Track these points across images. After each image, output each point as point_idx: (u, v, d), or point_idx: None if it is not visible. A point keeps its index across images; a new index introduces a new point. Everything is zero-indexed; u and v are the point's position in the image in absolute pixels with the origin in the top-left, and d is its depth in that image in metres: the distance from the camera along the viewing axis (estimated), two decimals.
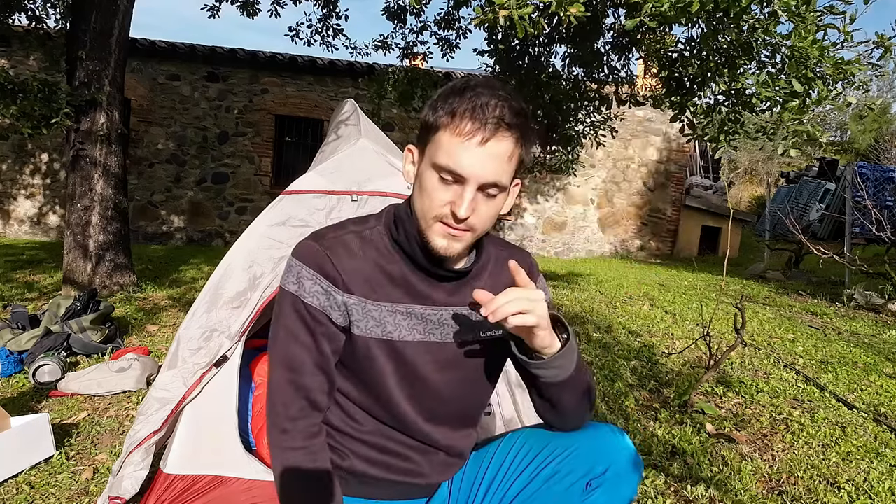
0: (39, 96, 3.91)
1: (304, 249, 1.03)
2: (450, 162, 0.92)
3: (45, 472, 1.92)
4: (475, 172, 0.92)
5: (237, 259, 1.73)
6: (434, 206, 0.95)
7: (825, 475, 2.05)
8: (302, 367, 1.02)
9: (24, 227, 8.43)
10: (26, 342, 2.98)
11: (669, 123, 4.91)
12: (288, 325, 1.02)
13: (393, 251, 1.06)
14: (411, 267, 1.05)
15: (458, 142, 0.91)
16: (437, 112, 0.94)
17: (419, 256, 1.03)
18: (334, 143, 2.17)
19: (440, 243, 0.97)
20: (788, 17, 2.21)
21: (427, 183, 0.96)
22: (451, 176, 0.93)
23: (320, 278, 1.00)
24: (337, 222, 1.11)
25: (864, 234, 7.14)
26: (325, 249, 1.02)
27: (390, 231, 1.06)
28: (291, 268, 1.02)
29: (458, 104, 0.92)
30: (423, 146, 0.99)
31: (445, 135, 0.93)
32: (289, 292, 1.01)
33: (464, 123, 0.91)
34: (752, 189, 15.62)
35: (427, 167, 0.96)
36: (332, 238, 1.04)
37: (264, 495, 1.61)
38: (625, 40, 5.03)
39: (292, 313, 1.01)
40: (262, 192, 8.81)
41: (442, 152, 0.93)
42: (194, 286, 5.05)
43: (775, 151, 2.71)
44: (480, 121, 0.91)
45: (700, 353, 3.47)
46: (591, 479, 1.05)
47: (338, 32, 6.28)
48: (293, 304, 1.01)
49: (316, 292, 1.00)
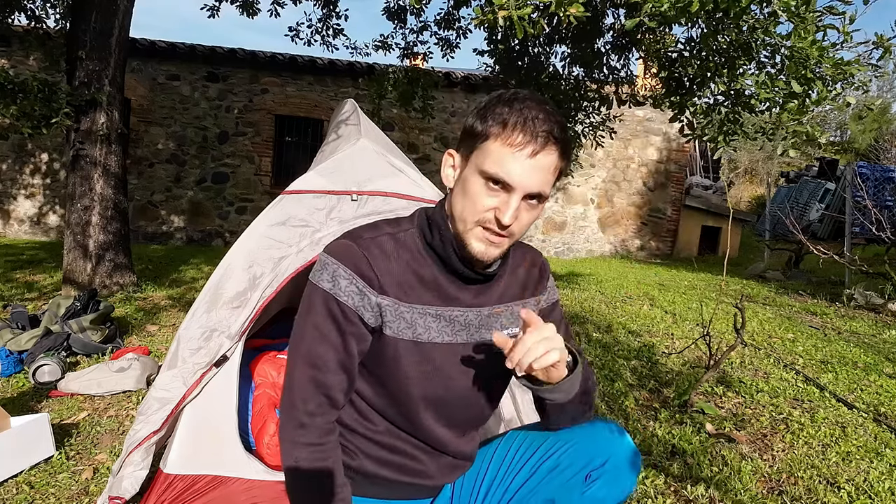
0: (39, 96, 3.91)
1: (342, 248, 1.03)
2: (499, 171, 0.95)
3: (45, 472, 1.92)
4: (523, 182, 0.95)
5: (237, 259, 1.73)
6: (477, 210, 0.98)
7: (825, 475, 2.05)
8: (326, 365, 1.02)
9: (24, 227, 8.43)
10: (26, 342, 2.98)
11: (669, 123, 4.90)
12: (317, 323, 1.02)
13: (426, 254, 1.08)
14: (442, 270, 1.08)
15: (509, 152, 0.94)
16: (487, 121, 0.97)
17: (453, 260, 1.05)
18: (334, 143, 2.17)
19: (478, 248, 1.00)
20: (788, 17, 2.21)
21: (472, 188, 0.98)
22: (499, 184, 0.96)
23: (356, 278, 1.01)
24: (370, 223, 1.12)
25: (864, 234, 7.14)
26: (363, 250, 1.03)
27: (423, 234, 1.08)
28: (327, 265, 1.02)
29: (509, 115, 0.95)
30: (469, 152, 1.00)
31: (496, 144, 0.95)
32: (322, 289, 1.01)
33: (515, 135, 0.94)
34: (752, 189, 15.62)
35: (472, 173, 0.98)
36: (369, 239, 1.05)
37: (264, 495, 1.61)
38: (625, 40, 5.04)
39: (323, 310, 1.01)
40: (262, 192, 8.81)
41: (491, 161, 0.96)
42: (194, 286, 5.05)
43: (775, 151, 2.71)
44: (531, 133, 0.94)
45: (700, 353, 3.48)
46: (591, 471, 1.08)
47: (338, 32, 6.28)
48: (325, 301, 1.01)
49: (351, 292, 1.01)
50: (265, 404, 2.05)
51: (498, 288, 1.14)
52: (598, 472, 1.08)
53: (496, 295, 1.14)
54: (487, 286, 1.12)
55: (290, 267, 1.72)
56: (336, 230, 1.76)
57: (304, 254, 1.74)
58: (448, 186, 1.06)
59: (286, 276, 1.72)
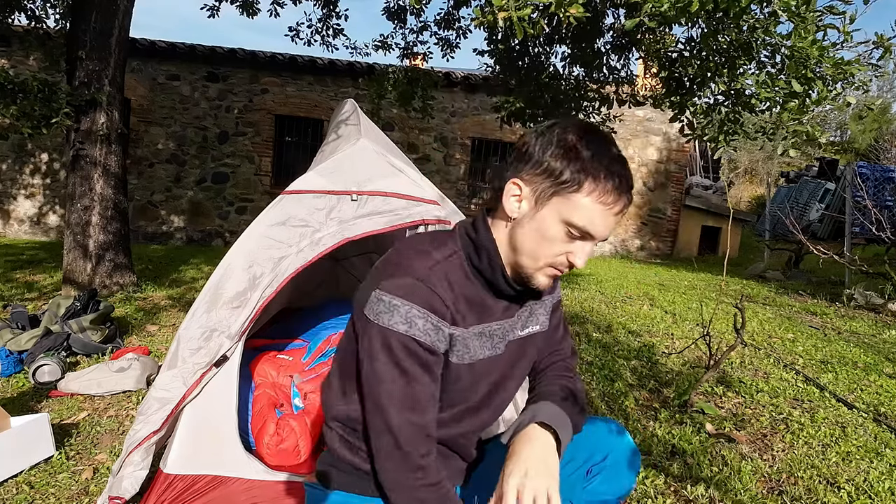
0: (39, 96, 3.91)
1: (409, 288, 1.00)
2: (587, 225, 0.98)
3: (45, 472, 1.92)
4: (604, 234, 1.00)
5: (237, 259, 1.73)
6: (553, 253, 1.01)
7: (825, 475, 2.05)
8: (423, 405, 1.02)
9: (24, 226, 8.43)
10: (26, 342, 2.98)
11: (669, 123, 4.90)
12: (402, 365, 1.00)
13: (472, 277, 1.09)
14: (485, 290, 1.10)
15: (600, 209, 0.97)
16: (579, 174, 0.96)
17: (501, 284, 1.08)
18: (334, 143, 2.17)
19: (544, 282, 1.05)
20: (788, 17, 2.21)
21: (551, 232, 1.00)
22: (581, 233, 0.99)
23: (430, 315, 1.00)
24: (414, 247, 1.10)
25: (864, 234, 7.14)
26: (429, 286, 1.01)
27: (470, 258, 1.08)
28: (397, 307, 0.99)
29: (600, 171, 0.96)
30: (548, 195, 0.99)
31: (587, 200, 0.97)
32: (398, 332, 0.99)
33: (608, 195, 0.96)
34: (752, 189, 15.61)
35: (554, 219, 0.99)
36: (429, 272, 1.03)
37: (264, 495, 1.61)
38: (625, 40, 5.04)
39: (404, 352, 1.00)
40: (262, 192, 8.81)
41: (580, 214, 0.97)
42: (194, 286, 5.05)
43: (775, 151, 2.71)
44: (621, 193, 0.98)
45: (700, 353, 3.47)
46: (592, 466, 1.13)
47: (338, 32, 6.28)
48: (405, 343, 0.99)
49: (428, 329, 1.00)
50: (265, 404, 2.05)
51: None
52: (599, 468, 1.12)
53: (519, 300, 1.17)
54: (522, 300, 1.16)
55: (290, 267, 1.72)
56: (336, 230, 1.76)
57: (304, 254, 1.74)
58: (511, 216, 1.04)
59: (286, 276, 1.72)
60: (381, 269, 1.07)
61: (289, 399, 2.17)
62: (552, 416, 1.06)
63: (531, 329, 1.19)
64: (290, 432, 1.88)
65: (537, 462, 0.97)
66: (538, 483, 0.94)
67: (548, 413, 1.07)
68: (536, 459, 0.98)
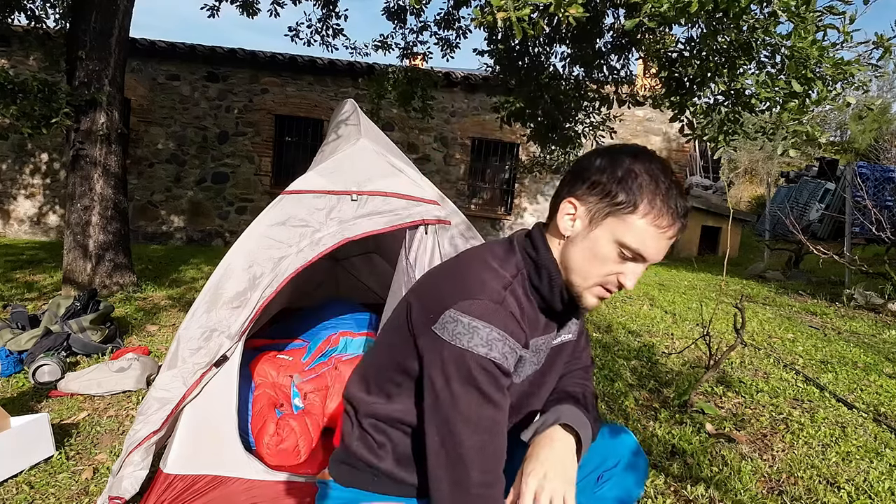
0: (39, 96, 3.91)
1: (489, 311, 0.99)
2: (640, 247, 0.98)
3: (45, 472, 1.92)
4: (657, 257, 1.01)
5: (237, 259, 1.73)
6: (604, 273, 1.02)
7: (825, 475, 2.05)
8: (497, 428, 1.01)
9: (24, 226, 8.43)
10: (26, 342, 2.98)
11: (669, 123, 4.90)
12: (482, 389, 0.98)
13: (531, 295, 1.09)
14: (540, 308, 1.10)
15: (654, 232, 0.98)
16: (634, 195, 0.97)
17: (556, 302, 1.08)
18: (334, 143, 2.17)
19: (592, 302, 1.05)
20: (788, 17, 2.21)
21: (604, 252, 1.00)
22: (633, 255, 1.00)
23: (509, 338, 1.00)
24: (480, 262, 1.08)
25: (864, 234, 7.14)
26: (507, 308, 1.01)
27: (531, 278, 1.08)
28: (477, 329, 0.97)
29: (656, 195, 0.97)
30: (603, 215, 1.00)
31: (642, 223, 0.98)
32: (477, 354, 0.97)
33: (662, 219, 0.97)
34: (751, 189, 15.61)
35: (608, 239, 1.00)
36: (504, 293, 1.03)
37: (264, 495, 1.61)
38: (624, 40, 5.04)
39: (484, 375, 0.98)
40: (262, 192, 8.81)
41: (634, 236, 0.98)
42: (194, 286, 5.05)
43: (775, 151, 2.71)
44: (675, 217, 0.98)
45: (700, 353, 3.47)
46: (603, 472, 1.14)
47: (337, 32, 6.28)
48: (484, 366, 0.98)
49: (507, 352, 1.00)
50: (265, 404, 2.05)
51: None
52: (610, 474, 1.13)
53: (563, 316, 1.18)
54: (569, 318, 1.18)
55: (290, 267, 1.72)
56: (336, 230, 1.76)
57: (304, 254, 1.74)
58: (564, 234, 1.05)
59: (286, 276, 1.72)
60: (448, 286, 1.04)
61: (289, 399, 2.17)
62: (576, 419, 1.06)
63: (563, 338, 1.20)
64: (289, 432, 1.88)
65: (557, 464, 0.97)
66: (556, 486, 0.94)
67: (572, 416, 1.06)
68: (556, 461, 0.97)
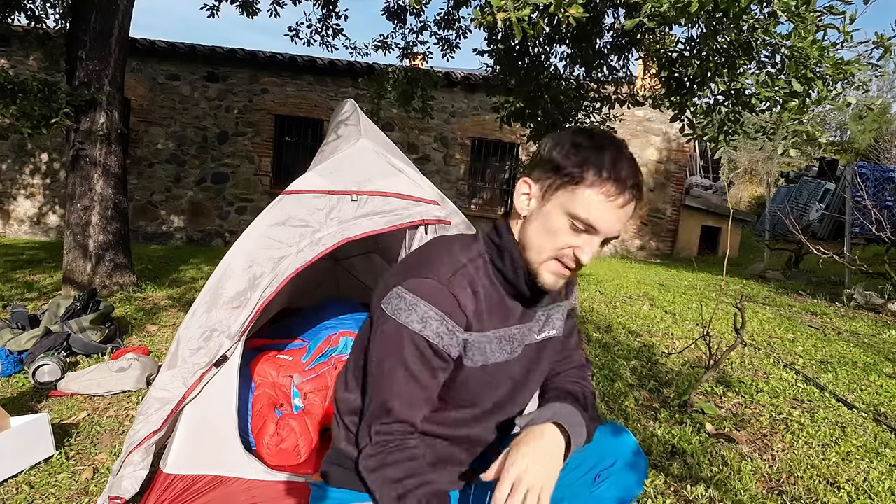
0: (39, 96, 3.91)
1: (431, 290, 1.02)
2: (589, 217, 0.99)
3: (45, 472, 1.92)
4: (608, 228, 1.00)
5: (237, 259, 1.73)
6: (557, 246, 1.02)
7: (825, 475, 2.05)
8: (419, 404, 1.06)
9: (24, 226, 8.43)
10: (26, 342, 2.98)
11: (669, 123, 4.90)
12: (407, 363, 1.02)
13: (493, 278, 1.10)
14: (506, 293, 1.11)
15: (601, 201, 0.98)
16: (581, 166, 0.99)
17: (521, 285, 1.08)
18: (334, 143, 2.17)
19: (549, 279, 1.05)
20: (788, 17, 2.21)
21: (555, 225, 1.01)
22: (585, 226, 1.00)
23: (447, 319, 1.02)
24: (441, 247, 1.12)
25: (864, 234, 7.14)
26: (451, 289, 1.03)
27: (493, 261, 1.10)
28: (416, 306, 1.01)
29: (602, 164, 0.98)
30: (554, 189, 1.02)
31: (589, 192, 0.98)
32: (411, 330, 1.01)
33: (608, 186, 0.98)
34: (751, 189, 15.61)
35: (558, 211, 1.01)
36: (454, 276, 1.05)
37: (264, 495, 1.61)
38: (624, 40, 5.04)
39: (413, 351, 1.02)
40: (261, 192, 8.81)
41: (582, 206, 0.99)
42: (194, 286, 5.05)
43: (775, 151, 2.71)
44: (623, 185, 0.98)
45: (700, 353, 3.47)
46: (600, 472, 1.13)
47: (337, 32, 6.28)
48: (415, 342, 1.02)
49: (442, 332, 1.02)
50: (265, 404, 2.05)
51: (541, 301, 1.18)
52: (607, 473, 1.12)
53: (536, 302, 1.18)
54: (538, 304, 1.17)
55: (289, 267, 1.72)
56: (336, 230, 1.76)
57: (304, 254, 1.74)
58: (521, 214, 1.07)
59: (286, 276, 1.72)
60: (406, 267, 1.09)
61: (289, 399, 2.17)
62: (570, 419, 1.05)
63: (548, 333, 1.20)
64: (289, 432, 1.88)
65: (541, 459, 0.97)
66: (535, 481, 0.94)
67: (566, 415, 1.06)
68: (541, 456, 0.97)
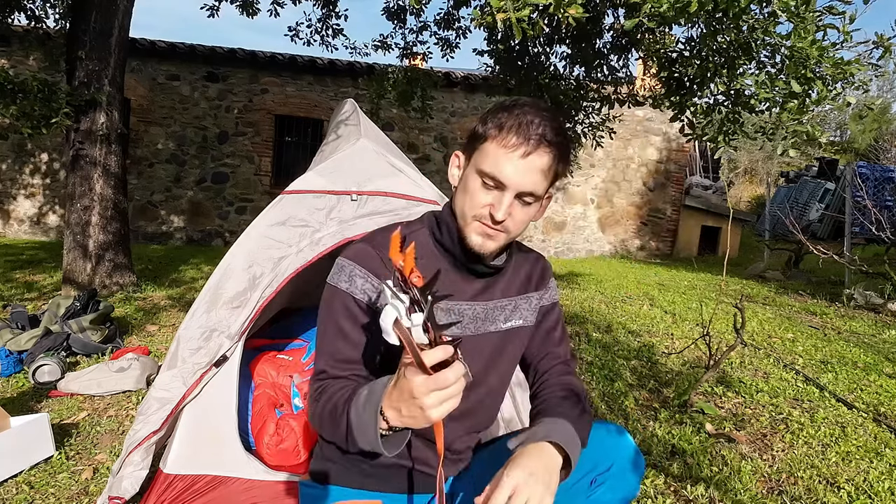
0: (39, 96, 3.91)
1: (357, 251, 1.10)
2: (493, 170, 1.01)
3: (44, 472, 1.92)
4: (515, 181, 1.01)
5: (237, 259, 1.73)
6: (475, 206, 1.04)
7: (825, 475, 2.05)
8: (349, 360, 1.08)
9: (23, 227, 8.43)
10: (26, 342, 2.98)
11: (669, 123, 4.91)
12: (337, 322, 1.08)
13: (435, 251, 1.13)
14: (451, 266, 1.13)
15: (503, 153, 1.01)
16: (487, 125, 1.04)
17: (458, 253, 1.11)
18: (334, 143, 2.17)
19: (476, 241, 1.07)
20: (788, 17, 2.21)
21: (470, 186, 1.05)
22: (493, 182, 1.02)
23: (371, 276, 1.07)
24: (384, 226, 1.20)
25: (864, 234, 7.14)
26: (377, 249, 1.09)
27: (433, 232, 1.14)
28: (343, 268, 1.09)
29: (506, 119, 1.02)
30: (470, 153, 1.08)
31: (492, 146, 1.02)
32: (340, 290, 1.07)
33: (509, 137, 1.01)
34: (751, 189, 15.61)
35: (472, 172, 1.06)
36: (382, 239, 1.10)
37: (264, 495, 1.61)
38: (624, 40, 5.03)
39: (343, 310, 1.07)
40: (261, 192, 8.81)
41: (487, 161, 1.02)
42: (194, 286, 5.05)
43: (775, 151, 2.71)
44: (524, 136, 1.00)
45: (700, 353, 3.48)
46: (596, 476, 1.10)
47: (337, 32, 6.28)
48: (343, 301, 1.07)
49: (367, 289, 1.07)
50: (265, 404, 2.05)
51: (502, 283, 1.19)
52: (604, 477, 1.10)
53: (500, 289, 1.18)
54: (493, 280, 1.17)
55: (289, 267, 1.72)
56: (336, 230, 1.76)
57: (304, 254, 1.74)
58: (453, 185, 1.13)
59: (286, 276, 1.72)
60: None
61: (289, 399, 2.17)
62: (567, 437, 1.02)
63: (514, 323, 1.20)
64: (289, 432, 1.88)
65: (542, 471, 0.94)
66: (537, 490, 0.90)
67: (562, 434, 1.02)
68: (542, 469, 0.95)
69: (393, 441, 0.91)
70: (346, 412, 0.96)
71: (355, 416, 0.94)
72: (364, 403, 0.92)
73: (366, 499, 1.14)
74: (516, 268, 1.23)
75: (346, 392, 1.01)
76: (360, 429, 0.92)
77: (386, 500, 1.15)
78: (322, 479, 1.17)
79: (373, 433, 0.89)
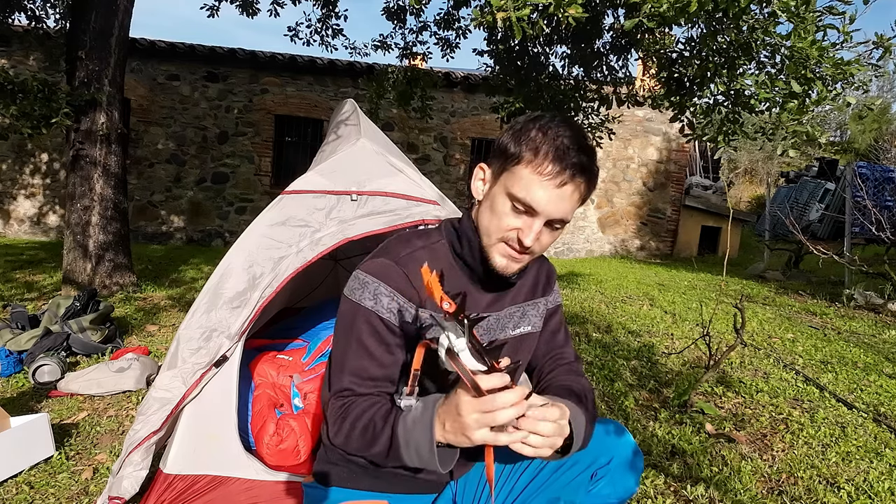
0: (39, 96, 3.91)
1: (381, 268, 1.07)
2: (527, 196, 0.98)
3: (44, 472, 1.92)
4: (548, 210, 0.98)
5: (237, 259, 1.73)
6: (502, 228, 1.02)
7: (825, 475, 2.05)
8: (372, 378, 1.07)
9: (24, 227, 8.43)
10: (26, 342, 2.98)
11: (669, 123, 4.90)
12: (361, 339, 1.05)
13: (455, 264, 1.12)
14: (469, 278, 1.12)
15: (538, 180, 0.97)
16: (521, 145, 0.99)
17: (479, 269, 1.10)
18: (334, 143, 2.17)
19: (500, 262, 1.05)
20: (788, 17, 2.21)
21: (499, 207, 1.02)
22: (524, 207, 0.99)
23: (397, 295, 1.05)
24: (402, 237, 1.16)
25: (864, 234, 7.14)
26: (401, 267, 1.06)
27: (453, 245, 1.12)
28: (367, 284, 1.05)
29: (542, 143, 0.97)
30: (500, 171, 1.03)
31: (526, 170, 0.98)
32: (364, 307, 1.05)
33: (546, 164, 0.96)
34: (751, 189, 15.61)
35: (501, 192, 1.02)
36: (406, 256, 1.09)
37: (264, 495, 1.61)
38: (624, 40, 5.03)
39: (367, 328, 1.05)
40: (261, 192, 8.81)
41: (520, 185, 0.98)
42: (194, 286, 5.05)
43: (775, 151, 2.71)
44: (562, 165, 0.96)
45: (700, 353, 3.48)
46: (597, 470, 1.12)
47: (337, 32, 6.28)
48: (368, 318, 1.05)
49: (393, 308, 1.05)
50: (265, 404, 2.05)
51: (511, 290, 1.19)
52: (604, 471, 1.12)
53: (510, 297, 1.19)
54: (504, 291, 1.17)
55: (289, 267, 1.72)
56: (336, 230, 1.76)
57: (304, 254, 1.74)
58: (476, 199, 1.09)
59: (286, 276, 1.72)
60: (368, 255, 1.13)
61: (289, 399, 2.17)
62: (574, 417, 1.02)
63: (523, 329, 1.20)
64: (289, 432, 1.88)
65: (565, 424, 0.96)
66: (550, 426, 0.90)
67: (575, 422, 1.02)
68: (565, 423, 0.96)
69: (442, 456, 0.92)
70: (392, 426, 0.96)
71: (403, 430, 0.94)
72: (419, 416, 0.93)
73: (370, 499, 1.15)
74: (524, 274, 1.22)
75: (379, 408, 1.01)
76: (410, 442, 0.93)
77: (391, 500, 1.15)
78: (326, 480, 1.17)
79: (427, 445, 0.90)
